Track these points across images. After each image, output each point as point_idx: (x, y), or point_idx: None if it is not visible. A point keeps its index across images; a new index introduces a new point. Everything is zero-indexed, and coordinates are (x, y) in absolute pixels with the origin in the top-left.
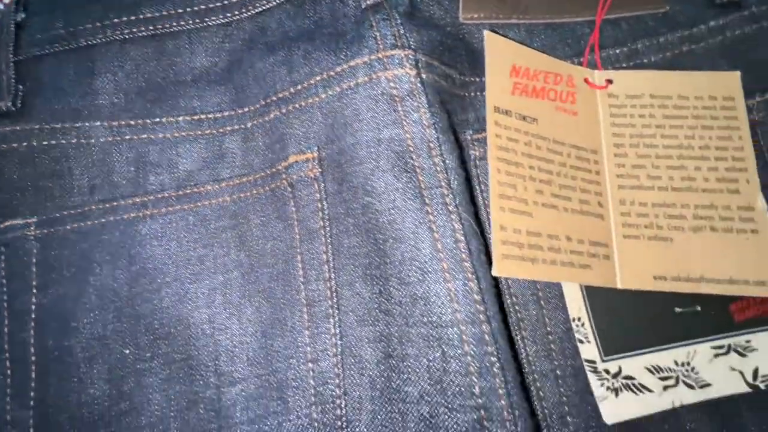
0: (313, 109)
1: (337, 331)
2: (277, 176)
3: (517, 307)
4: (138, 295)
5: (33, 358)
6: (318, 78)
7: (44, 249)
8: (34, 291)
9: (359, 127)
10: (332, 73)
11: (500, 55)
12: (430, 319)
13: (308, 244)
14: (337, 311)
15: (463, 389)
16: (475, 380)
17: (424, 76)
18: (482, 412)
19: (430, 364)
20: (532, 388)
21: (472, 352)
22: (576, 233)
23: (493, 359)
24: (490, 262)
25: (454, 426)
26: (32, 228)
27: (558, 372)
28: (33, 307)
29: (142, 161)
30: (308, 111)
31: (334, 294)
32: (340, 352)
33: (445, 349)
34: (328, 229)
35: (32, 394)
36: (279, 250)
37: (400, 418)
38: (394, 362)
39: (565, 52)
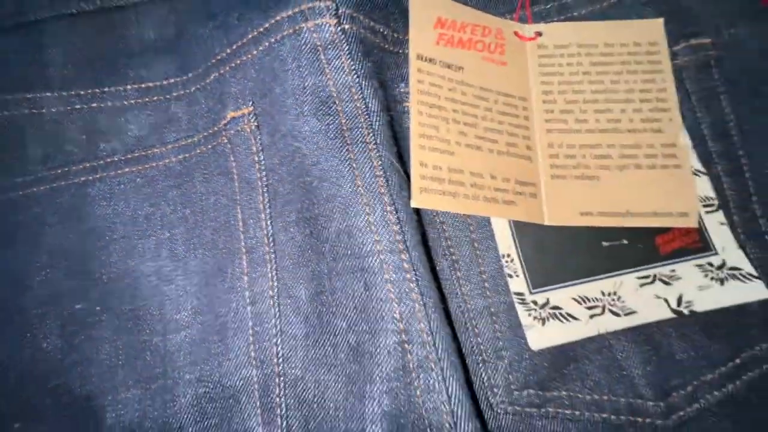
0: (247, 66)
1: (274, 274)
2: (218, 134)
3: (452, 249)
4: (88, 253)
5: None
6: (250, 36)
7: (3, 212)
8: None
9: (285, 77)
10: (261, 30)
11: (425, 7)
12: (353, 251)
13: (247, 194)
14: (273, 256)
15: (384, 315)
16: (396, 306)
17: (346, 26)
18: (403, 335)
19: (355, 294)
20: (468, 325)
21: (392, 279)
22: (501, 172)
23: (412, 285)
24: (410, 197)
25: (378, 350)
26: None
27: (492, 309)
28: None
29: (93, 129)
30: (242, 68)
31: (271, 240)
32: (276, 294)
33: (368, 279)
34: (264, 179)
35: None
36: (221, 204)
37: (331, 351)
38: (324, 297)
39: (499, 9)
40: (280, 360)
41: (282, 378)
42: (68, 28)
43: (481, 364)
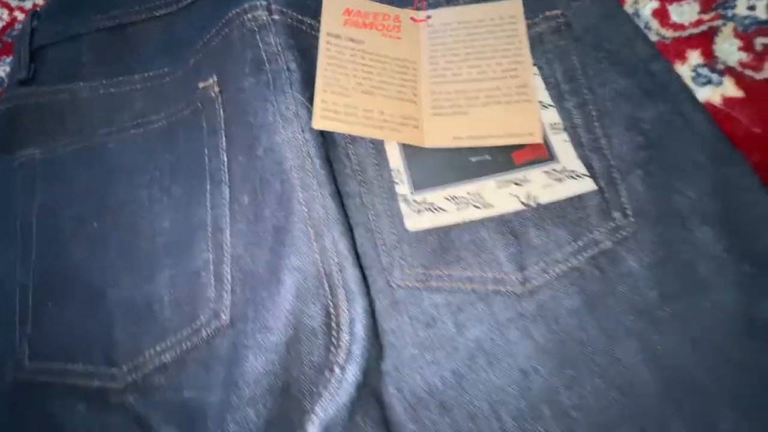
0: (212, 51)
1: (227, 189)
2: (194, 100)
3: (359, 170)
4: (105, 187)
5: (35, 240)
6: (213, 30)
7: (44, 167)
8: (37, 195)
9: (235, 54)
10: (222, 22)
11: (336, 2)
12: (275, 161)
13: (212, 139)
14: (227, 177)
15: (293, 200)
16: (300, 195)
17: (276, 16)
18: (305, 214)
19: (275, 190)
20: (373, 226)
21: (299, 176)
22: (389, 110)
23: (312, 180)
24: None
25: (289, 225)
26: (37, 155)
27: (388, 212)
28: (36, 206)
29: (111, 106)
30: (209, 53)
31: (226, 167)
32: (228, 202)
33: (283, 178)
34: (223, 126)
35: (33, 266)
36: (194, 148)
37: (262, 233)
38: (258, 197)
39: (402, 3)
40: (228, 245)
41: (229, 257)
42: (96, 39)
43: (383, 254)
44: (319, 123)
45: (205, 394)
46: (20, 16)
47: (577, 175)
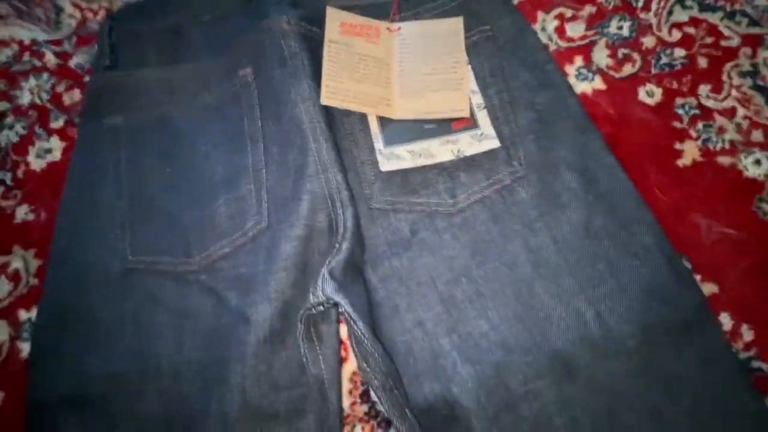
0: (250, 49)
1: (262, 145)
2: (235, 83)
3: (350, 134)
4: (173, 145)
5: (124, 181)
6: (250, 34)
7: (127, 130)
8: (123, 150)
9: (266, 52)
10: (255, 29)
11: (335, 17)
12: (293, 124)
13: (249, 111)
14: (261, 136)
15: (308, 151)
16: (313, 145)
17: (294, 27)
18: (317, 158)
19: (293, 141)
20: (359, 170)
21: (311, 136)
22: (371, 93)
23: (320, 136)
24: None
25: (307, 168)
26: (120, 121)
27: (369, 161)
28: (123, 157)
29: (174, 87)
30: (247, 50)
31: (260, 129)
32: (262, 153)
33: (299, 129)
34: (257, 102)
35: (126, 198)
36: (236, 117)
37: (285, 165)
38: (282, 149)
39: (381, 18)
40: (264, 180)
41: (265, 187)
42: (157, 37)
43: (366, 188)
44: (325, 100)
45: (254, 268)
46: (89, 15)
47: (490, 137)
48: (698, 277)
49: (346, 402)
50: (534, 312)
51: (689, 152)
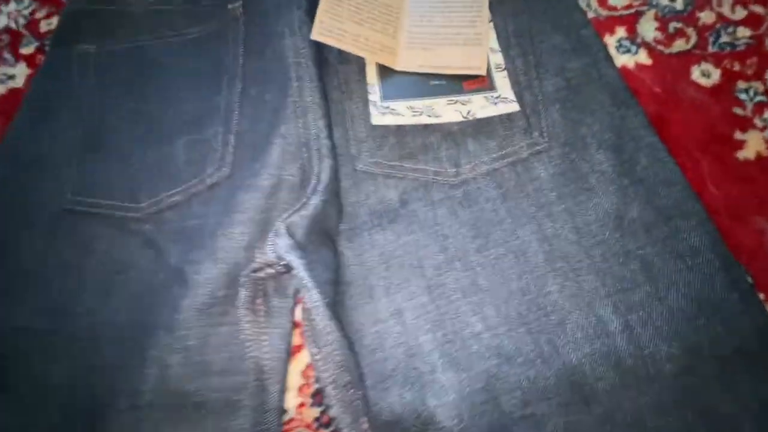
0: None
1: (239, 88)
2: (223, 18)
3: (344, 83)
4: (144, 78)
5: (84, 110)
6: None
7: (96, 59)
8: (90, 79)
9: None
10: None
11: None
12: (279, 64)
13: (233, 44)
14: (242, 73)
15: (287, 90)
16: (294, 84)
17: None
18: (297, 98)
19: (279, 88)
20: (348, 125)
21: (294, 74)
22: (372, 38)
23: (304, 74)
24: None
25: (284, 109)
26: (92, 49)
27: (361, 115)
28: (88, 87)
29: (157, 21)
30: None
31: (241, 66)
32: (239, 93)
33: (281, 72)
34: (242, 35)
35: (82, 127)
36: (218, 50)
37: (261, 110)
38: (263, 95)
39: None
40: (234, 123)
41: (234, 131)
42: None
43: (353, 146)
44: (316, 36)
45: (204, 221)
46: None
47: (508, 101)
48: (762, 296)
49: (292, 401)
50: (544, 315)
51: (753, 144)
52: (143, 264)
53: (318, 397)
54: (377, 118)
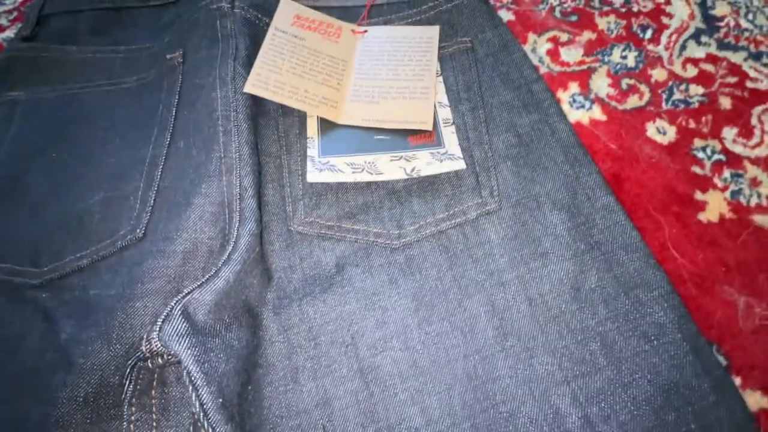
0: (184, 30)
1: (167, 140)
2: (161, 68)
3: (283, 136)
4: (69, 128)
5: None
6: (188, 14)
7: (24, 107)
8: (12, 126)
9: (199, 32)
10: (194, 9)
11: (290, 9)
12: (208, 117)
13: (168, 98)
14: (172, 127)
15: (213, 145)
16: (222, 138)
17: (236, 11)
18: (222, 154)
19: (204, 135)
20: (285, 182)
21: (222, 128)
22: (312, 91)
23: (233, 128)
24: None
25: (207, 165)
26: (21, 96)
27: (298, 171)
28: (10, 134)
29: (94, 68)
30: (182, 32)
31: (173, 120)
32: (165, 152)
33: (208, 126)
34: (179, 89)
35: None
36: (152, 105)
37: (193, 158)
38: (189, 140)
39: (351, 21)
40: (158, 177)
41: (156, 186)
42: (95, 15)
43: (288, 203)
44: (250, 88)
45: (105, 292)
46: None
47: (455, 158)
48: (738, 380)
49: None
50: (492, 405)
51: (715, 205)
52: (31, 341)
53: None
54: (313, 175)
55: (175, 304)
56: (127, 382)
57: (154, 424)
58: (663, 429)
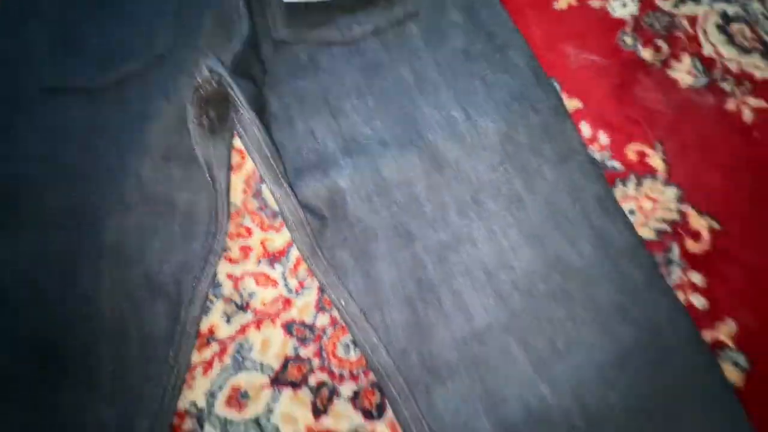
0: None
1: None
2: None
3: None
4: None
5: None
6: None
7: None
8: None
9: None
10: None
11: None
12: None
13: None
14: None
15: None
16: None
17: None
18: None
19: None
20: (266, 5)
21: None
22: None
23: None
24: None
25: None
26: None
27: None
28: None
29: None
30: None
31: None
32: None
33: None
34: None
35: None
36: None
37: None
38: None
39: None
40: None
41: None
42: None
43: (270, 18)
44: None
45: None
46: None
47: None
48: (565, 95)
49: (239, 197)
50: (412, 116)
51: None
52: (116, 120)
53: (258, 194)
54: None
55: (207, 51)
56: (189, 106)
57: (208, 137)
58: (510, 114)
